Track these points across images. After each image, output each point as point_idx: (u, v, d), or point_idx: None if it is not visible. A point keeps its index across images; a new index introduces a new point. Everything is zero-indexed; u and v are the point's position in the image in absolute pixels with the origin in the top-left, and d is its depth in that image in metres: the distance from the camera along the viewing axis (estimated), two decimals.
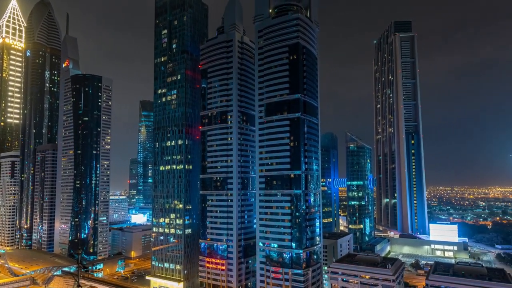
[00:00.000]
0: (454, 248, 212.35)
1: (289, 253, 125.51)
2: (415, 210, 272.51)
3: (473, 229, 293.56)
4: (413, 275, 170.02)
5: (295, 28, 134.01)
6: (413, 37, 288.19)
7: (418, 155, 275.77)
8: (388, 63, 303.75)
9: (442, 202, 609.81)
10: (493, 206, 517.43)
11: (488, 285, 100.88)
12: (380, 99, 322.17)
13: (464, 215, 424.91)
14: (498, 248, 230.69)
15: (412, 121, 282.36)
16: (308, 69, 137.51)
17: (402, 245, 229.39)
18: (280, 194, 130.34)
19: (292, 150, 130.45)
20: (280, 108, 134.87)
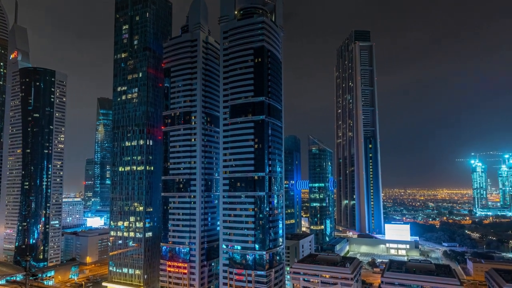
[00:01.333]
0: (407, 246, 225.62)
1: (252, 254, 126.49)
2: (372, 211, 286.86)
3: (423, 228, 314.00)
4: (370, 273, 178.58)
5: (261, 31, 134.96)
6: (371, 47, 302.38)
7: (375, 159, 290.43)
8: (348, 70, 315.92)
9: (396, 203, 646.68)
10: (441, 207, 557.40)
11: (436, 280, 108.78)
12: (341, 104, 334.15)
13: (415, 215, 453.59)
14: (445, 245, 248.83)
15: (370, 126, 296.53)
16: (273, 73, 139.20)
17: (360, 245, 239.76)
18: (244, 196, 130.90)
19: (256, 152, 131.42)
20: (244, 110, 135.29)
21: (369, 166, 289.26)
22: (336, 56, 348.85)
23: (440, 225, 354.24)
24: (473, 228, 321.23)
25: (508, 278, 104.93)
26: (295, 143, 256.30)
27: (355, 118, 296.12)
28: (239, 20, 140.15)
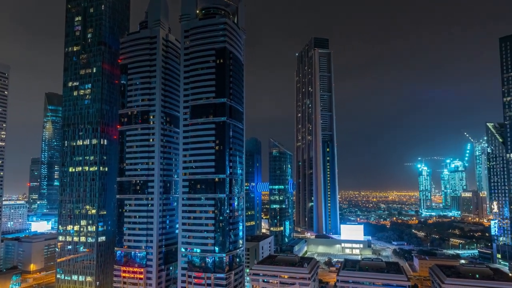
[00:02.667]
0: (360, 246, 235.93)
1: (212, 257, 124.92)
2: (329, 212, 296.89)
3: (375, 228, 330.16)
4: (326, 272, 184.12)
5: (223, 32, 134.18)
6: (330, 54, 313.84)
7: (332, 162, 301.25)
8: (308, 76, 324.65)
9: (351, 204, 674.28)
10: (391, 208, 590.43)
11: (386, 277, 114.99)
12: (300, 109, 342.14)
13: (368, 216, 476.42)
14: (394, 244, 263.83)
15: (328, 130, 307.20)
16: (235, 74, 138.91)
17: (317, 245, 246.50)
18: (204, 198, 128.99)
19: (217, 154, 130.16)
20: (205, 111, 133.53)
21: (327, 169, 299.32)
22: (297, 62, 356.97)
23: (391, 225, 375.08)
24: (419, 228, 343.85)
25: (448, 273, 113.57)
26: (256, 146, 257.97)
27: (314, 122, 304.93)
28: (201, 19, 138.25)
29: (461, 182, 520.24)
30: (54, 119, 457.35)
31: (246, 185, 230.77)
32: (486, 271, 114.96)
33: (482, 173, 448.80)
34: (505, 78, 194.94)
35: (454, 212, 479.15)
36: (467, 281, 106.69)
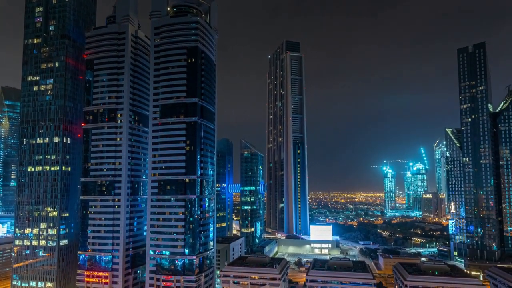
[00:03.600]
0: (329, 245, 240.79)
1: (182, 259, 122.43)
2: (299, 213, 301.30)
3: (343, 228, 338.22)
4: (296, 272, 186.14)
5: (195, 31, 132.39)
6: (301, 57, 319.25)
7: (302, 164, 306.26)
8: (280, 78, 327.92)
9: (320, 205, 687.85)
10: (358, 208, 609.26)
11: (353, 276, 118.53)
12: (272, 111, 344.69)
13: (337, 217, 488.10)
14: (361, 244, 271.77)
15: (299, 133, 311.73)
16: (207, 74, 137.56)
17: (287, 246, 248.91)
18: (174, 199, 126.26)
19: (188, 154, 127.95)
20: (176, 110, 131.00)
21: (297, 170, 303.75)
22: (269, 64, 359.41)
23: (358, 225, 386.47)
24: (384, 227, 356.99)
25: (410, 271, 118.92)
26: (227, 147, 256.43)
27: (285, 125, 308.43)
28: (172, 17, 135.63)
29: (422, 184, 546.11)
30: (11, 115, 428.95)
31: (217, 186, 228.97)
32: (444, 268, 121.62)
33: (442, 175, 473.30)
34: (462, 87, 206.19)
35: (416, 213, 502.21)
36: (427, 278, 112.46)
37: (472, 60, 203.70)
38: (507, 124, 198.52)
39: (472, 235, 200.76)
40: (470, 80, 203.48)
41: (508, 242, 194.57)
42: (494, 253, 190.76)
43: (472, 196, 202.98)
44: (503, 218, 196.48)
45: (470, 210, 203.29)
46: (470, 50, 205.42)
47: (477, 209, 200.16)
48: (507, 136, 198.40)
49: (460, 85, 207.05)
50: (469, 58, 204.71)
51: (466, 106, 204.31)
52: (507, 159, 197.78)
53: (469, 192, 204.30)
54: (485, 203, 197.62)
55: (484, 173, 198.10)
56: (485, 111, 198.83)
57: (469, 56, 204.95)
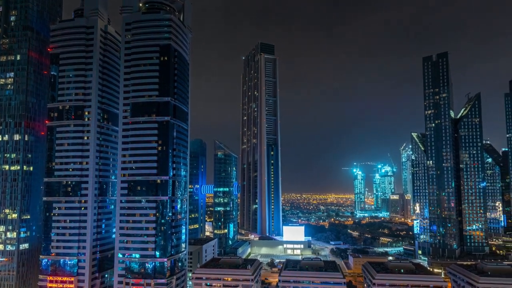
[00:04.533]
0: (301, 246, 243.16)
1: (153, 262, 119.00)
2: (272, 214, 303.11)
3: (315, 229, 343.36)
4: (269, 273, 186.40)
5: (168, 29, 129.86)
6: (275, 60, 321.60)
7: (276, 165, 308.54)
8: (254, 80, 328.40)
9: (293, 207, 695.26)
10: (330, 209, 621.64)
11: (324, 275, 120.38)
12: (246, 112, 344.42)
13: (309, 218, 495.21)
14: (332, 244, 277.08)
15: (272, 134, 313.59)
16: (180, 73, 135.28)
17: (260, 247, 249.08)
18: (145, 201, 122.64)
19: (160, 154, 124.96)
20: (148, 109, 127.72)
21: (271, 171, 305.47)
22: (243, 65, 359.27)
23: (329, 225, 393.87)
24: (354, 228, 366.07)
25: (378, 269, 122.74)
26: (201, 147, 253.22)
27: (259, 126, 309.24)
28: (144, 13, 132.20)
29: (390, 186, 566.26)
30: None
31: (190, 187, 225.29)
32: (409, 266, 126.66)
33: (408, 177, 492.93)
34: (426, 93, 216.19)
35: (384, 213, 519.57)
36: (394, 276, 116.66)
37: (435, 69, 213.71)
38: (467, 129, 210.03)
39: (434, 235, 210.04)
40: (434, 87, 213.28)
41: (467, 240, 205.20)
42: (454, 251, 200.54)
43: (435, 198, 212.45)
44: (462, 218, 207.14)
45: (433, 211, 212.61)
46: (434, 59, 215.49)
47: (440, 210, 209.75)
48: (467, 141, 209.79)
49: (425, 92, 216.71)
50: (433, 66, 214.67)
51: (430, 112, 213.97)
52: (466, 163, 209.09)
53: (432, 194, 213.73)
54: (446, 204, 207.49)
55: (446, 175, 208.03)
56: (447, 117, 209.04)
57: (433, 65, 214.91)
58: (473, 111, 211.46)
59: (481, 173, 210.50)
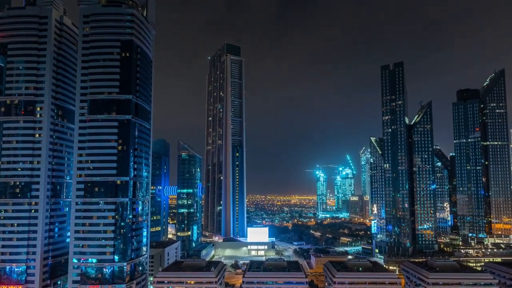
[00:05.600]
0: (265, 247, 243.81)
1: (111, 267, 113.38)
2: (237, 215, 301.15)
3: (279, 230, 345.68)
4: (233, 274, 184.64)
5: (130, 24, 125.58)
6: (241, 61, 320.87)
7: (241, 167, 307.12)
8: (220, 80, 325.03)
9: (258, 208, 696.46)
10: (293, 210, 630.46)
11: (287, 275, 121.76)
12: (211, 113, 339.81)
13: (273, 219, 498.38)
14: (295, 244, 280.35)
15: (238, 135, 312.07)
16: (142, 70, 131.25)
17: (224, 248, 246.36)
18: (103, 203, 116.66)
19: (120, 154, 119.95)
20: (107, 107, 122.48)
21: (236, 173, 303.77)
22: (209, 65, 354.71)
23: (292, 226, 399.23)
24: (316, 228, 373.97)
25: (338, 268, 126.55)
26: (164, 148, 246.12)
27: (224, 127, 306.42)
28: (104, 6, 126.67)
29: (350, 187, 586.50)
30: None
31: (152, 189, 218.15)
32: (367, 264, 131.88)
33: (366, 180, 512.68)
34: (384, 100, 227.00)
35: (344, 214, 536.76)
36: (353, 274, 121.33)
37: (392, 77, 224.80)
38: (419, 135, 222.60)
39: (390, 234, 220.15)
40: (390, 94, 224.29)
41: (419, 239, 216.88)
42: (408, 249, 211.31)
43: (391, 199, 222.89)
44: (415, 218, 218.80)
45: (389, 211, 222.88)
46: (391, 68, 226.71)
47: (395, 210, 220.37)
48: (419, 146, 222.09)
49: (382, 99, 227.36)
50: (390, 75, 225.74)
51: (387, 117, 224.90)
52: (419, 166, 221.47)
53: (389, 195, 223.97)
54: (401, 205, 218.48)
55: (400, 178, 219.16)
56: (402, 123, 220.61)
57: (390, 73, 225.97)
58: (425, 118, 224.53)
59: (431, 176, 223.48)
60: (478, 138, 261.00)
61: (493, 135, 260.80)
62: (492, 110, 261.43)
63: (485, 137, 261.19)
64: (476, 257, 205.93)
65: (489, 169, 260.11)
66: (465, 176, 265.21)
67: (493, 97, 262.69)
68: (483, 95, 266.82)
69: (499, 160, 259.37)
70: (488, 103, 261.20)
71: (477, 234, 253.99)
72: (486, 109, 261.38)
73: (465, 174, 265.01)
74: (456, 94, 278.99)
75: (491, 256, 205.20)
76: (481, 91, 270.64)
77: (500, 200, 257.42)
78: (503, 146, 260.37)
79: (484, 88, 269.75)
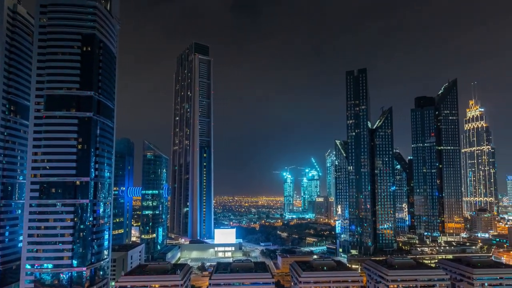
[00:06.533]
0: (232, 248, 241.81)
1: (69, 272, 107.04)
2: (204, 217, 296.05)
3: (246, 231, 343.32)
4: (199, 277, 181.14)
5: (92, 17, 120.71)
6: (210, 61, 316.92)
7: (208, 168, 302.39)
8: (187, 80, 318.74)
9: (225, 209, 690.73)
10: (261, 212, 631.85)
11: (254, 276, 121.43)
12: (179, 112, 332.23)
13: (241, 220, 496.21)
14: (262, 245, 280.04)
15: (205, 136, 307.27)
16: (105, 66, 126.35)
17: (191, 250, 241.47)
18: (61, 204, 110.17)
19: (80, 153, 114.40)
20: (67, 103, 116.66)
21: (203, 174, 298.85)
22: (177, 64, 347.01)
23: (260, 227, 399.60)
24: (283, 229, 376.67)
25: (304, 268, 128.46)
26: (128, 147, 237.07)
27: (192, 127, 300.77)
28: None
29: (316, 189, 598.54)
30: None
31: (115, 190, 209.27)
32: (331, 264, 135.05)
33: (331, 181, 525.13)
34: (348, 105, 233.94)
35: (310, 215, 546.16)
36: (318, 273, 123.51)
37: (356, 83, 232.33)
38: (381, 139, 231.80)
39: (353, 234, 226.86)
40: (355, 99, 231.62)
41: (379, 238, 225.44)
42: (369, 248, 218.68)
43: (354, 200, 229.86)
44: (376, 218, 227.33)
45: (352, 212, 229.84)
46: (355, 73, 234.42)
47: (358, 211, 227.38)
48: (381, 150, 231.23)
49: (347, 103, 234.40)
50: (355, 80, 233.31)
51: (351, 121, 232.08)
52: (380, 169, 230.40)
53: (352, 196, 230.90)
54: (363, 206, 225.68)
55: (363, 180, 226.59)
56: (365, 127, 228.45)
57: (354, 79, 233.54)
58: (386, 123, 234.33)
59: (391, 178, 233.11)
60: (433, 143, 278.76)
61: (447, 140, 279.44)
62: (446, 117, 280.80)
63: (440, 142, 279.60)
64: (431, 254, 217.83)
65: (442, 172, 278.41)
66: (421, 178, 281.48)
67: (446, 105, 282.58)
68: (438, 102, 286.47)
69: (451, 164, 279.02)
70: (442, 110, 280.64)
71: (431, 233, 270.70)
72: (441, 116, 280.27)
73: (422, 176, 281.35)
74: (414, 101, 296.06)
75: (444, 253, 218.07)
76: (436, 99, 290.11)
77: (452, 201, 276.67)
78: (455, 151, 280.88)
79: (439, 96, 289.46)
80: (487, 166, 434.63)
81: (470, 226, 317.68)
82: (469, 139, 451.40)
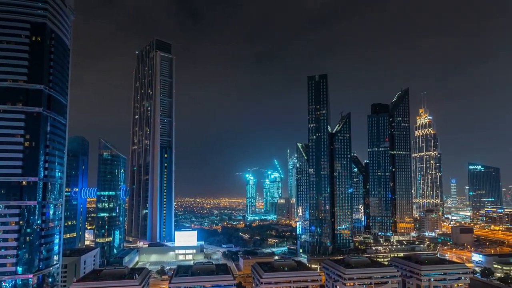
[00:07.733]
0: (193, 251, 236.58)
1: (12, 280, 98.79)
2: (164, 219, 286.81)
3: (208, 233, 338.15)
4: (159, 281, 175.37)
5: (43, 5, 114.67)
6: (172, 59, 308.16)
7: (169, 168, 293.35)
8: (148, 77, 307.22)
9: (187, 211, 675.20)
10: (223, 213, 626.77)
11: (215, 279, 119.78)
12: (138, 110, 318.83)
13: (202, 222, 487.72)
14: (224, 247, 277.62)
15: (167, 136, 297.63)
16: (57, 59, 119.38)
17: (150, 254, 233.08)
18: (4, 207, 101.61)
19: (27, 151, 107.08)
20: (12, 96, 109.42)
21: (164, 175, 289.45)
22: (136, 60, 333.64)
23: (222, 229, 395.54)
24: (245, 230, 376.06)
25: (265, 268, 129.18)
26: (82, 146, 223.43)
27: (152, 127, 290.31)
28: None
29: (278, 190, 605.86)
30: None
31: (67, 191, 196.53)
32: (292, 264, 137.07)
33: (293, 183, 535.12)
34: (310, 109, 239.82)
35: (272, 216, 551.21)
36: (279, 274, 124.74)
37: (318, 87, 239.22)
38: (339, 143, 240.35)
39: (313, 234, 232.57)
40: (316, 104, 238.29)
41: (338, 238, 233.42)
42: (328, 248, 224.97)
43: (314, 201, 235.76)
44: (335, 219, 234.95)
45: (313, 213, 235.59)
46: (316, 78, 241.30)
47: (317, 212, 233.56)
48: (339, 153, 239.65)
49: (308, 107, 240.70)
50: (316, 85, 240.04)
51: (312, 125, 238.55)
52: (338, 171, 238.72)
53: (312, 198, 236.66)
54: (323, 207, 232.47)
55: (323, 182, 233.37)
56: (325, 131, 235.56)
57: (315, 84, 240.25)
58: (345, 127, 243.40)
59: (349, 181, 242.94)
60: (387, 147, 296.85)
61: (399, 145, 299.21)
62: (399, 123, 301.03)
63: (393, 147, 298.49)
64: (384, 253, 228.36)
65: (395, 175, 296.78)
66: (376, 181, 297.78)
67: (399, 112, 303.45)
68: (391, 109, 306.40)
69: (403, 168, 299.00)
70: (396, 117, 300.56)
71: (385, 232, 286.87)
72: (394, 122, 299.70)
73: (376, 179, 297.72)
74: (370, 107, 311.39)
75: (395, 251, 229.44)
76: (390, 106, 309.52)
77: (403, 202, 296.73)
78: (406, 155, 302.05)
79: (393, 104, 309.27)
80: (434, 170, 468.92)
81: (419, 226, 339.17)
82: (418, 145, 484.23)
